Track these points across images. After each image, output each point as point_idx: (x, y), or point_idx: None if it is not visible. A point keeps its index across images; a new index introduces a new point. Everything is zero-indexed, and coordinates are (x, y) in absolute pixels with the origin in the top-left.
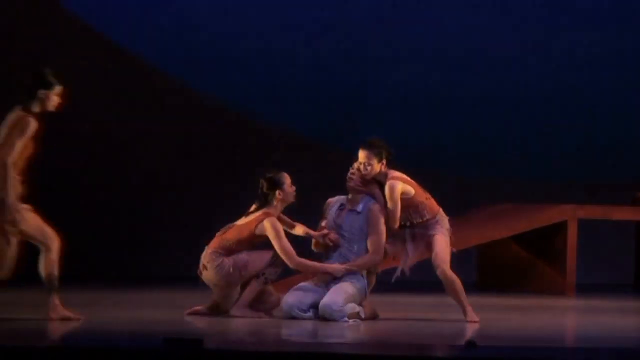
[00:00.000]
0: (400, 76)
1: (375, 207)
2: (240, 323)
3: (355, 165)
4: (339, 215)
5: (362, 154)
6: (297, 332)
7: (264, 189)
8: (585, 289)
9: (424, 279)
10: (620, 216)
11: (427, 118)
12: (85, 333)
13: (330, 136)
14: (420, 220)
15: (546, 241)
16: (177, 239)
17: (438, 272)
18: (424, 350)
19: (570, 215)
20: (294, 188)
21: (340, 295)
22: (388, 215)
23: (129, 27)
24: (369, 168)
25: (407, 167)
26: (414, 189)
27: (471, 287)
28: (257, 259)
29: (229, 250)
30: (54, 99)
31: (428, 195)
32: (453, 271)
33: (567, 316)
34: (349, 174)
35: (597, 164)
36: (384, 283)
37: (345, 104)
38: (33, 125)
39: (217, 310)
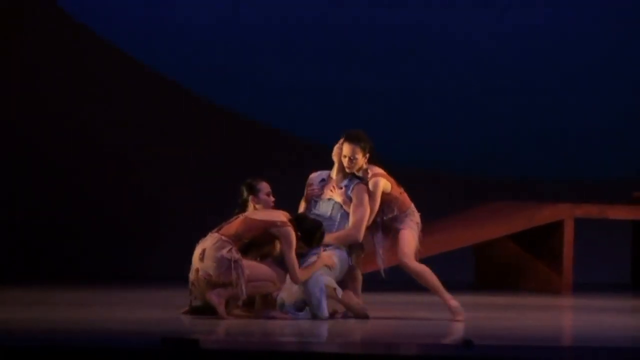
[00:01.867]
0: (398, 75)
1: (362, 186)
2: (237, 323)
3: (336, 158)
4: (320, 193)
5: (347, 148)
6: (293, 332)
7: (243, 195)
8: (582, 287)
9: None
10: (616, 215)
11: (423, 117)
12: (82, 333)
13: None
14: (391, 215)
15: (543, 240)
16: (175, 238)
17: (402, 266)
18: (420, 350)
19: (567, 214)
20: (272, 199)
21: (317, 286)
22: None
23: (120, 23)
24: (353, 162)
25: (404, 165)
26: (392, 185)
27: (468, 286)
28: (259, 270)
29: (236, 239)
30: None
31: (402, 190)
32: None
33: (564, 315)
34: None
35: (593, 163)
36: (377, 282)
37: (343, 105)
38: None
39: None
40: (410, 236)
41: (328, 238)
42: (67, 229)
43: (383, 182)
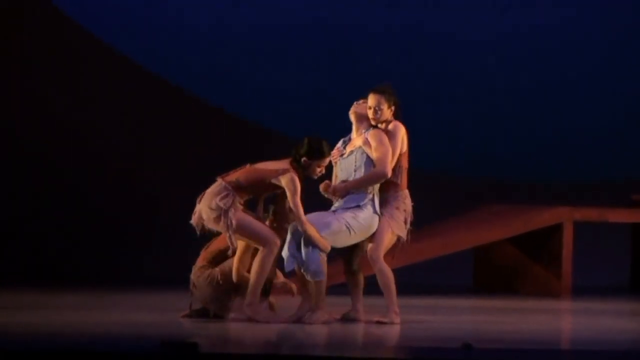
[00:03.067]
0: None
1: (378, 129)
2: (236, 327)
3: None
4: (343, 152)
5: (372, 98)
6: (292, 335)
7: (301, 149)
8: (581, 291)
9: (416, 281)
10: (616, 218)
11: (421, 118)
12: (82, 336)
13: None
14: (388, 190)
15: (542, 243)
16: (173, 240)
17: (369, 260)
18: (419, 353)
19: (566, 217)
20: (321, 172)
21: (315, 252)
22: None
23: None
24: (379, 112)
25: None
26: (407, 151)
27: (467, 289)
28: (252, 225)
29: (236, 186)
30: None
31: (407, 168)
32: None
33: (563, 318)
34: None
35: (592, 165)
36: (375, 284)
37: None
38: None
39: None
40: (386, 227)
41: (353, 183)
42: (64, 231)
43: (404, 130)
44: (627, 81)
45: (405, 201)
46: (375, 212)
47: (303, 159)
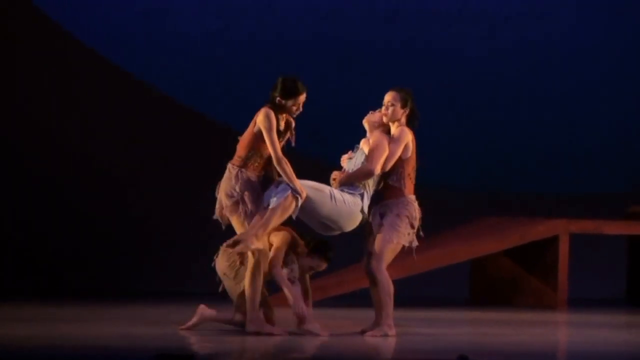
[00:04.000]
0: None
1: (381, 132)
2: (232, 339)
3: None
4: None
5: (388, 95)
6: (289, 347)
7: (276, 90)
8: (577, 303)
9: (413, 294)
10: (612, 230)
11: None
12: (77, 349)
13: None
14: (390, 196)
15: (538, 255)
16: (168, 253)
17: (370, 271)
18: None
19: (562, 229)
20: (299, 111)
21: (286, 189)
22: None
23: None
24: (390, 109)
25: None
26: (413, 153)
27: (463, 302)
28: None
29: (242, 163)
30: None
31: (412, 174)
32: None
33: (559, 330)
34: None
35: (588, 178)
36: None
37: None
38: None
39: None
40: (387, 239)
41: (342, 176)
42: (60, 245)
43: (410, 136)
44: (622, 95)
45: (408, 207)
46: (362, 209)
47: (277, 99)
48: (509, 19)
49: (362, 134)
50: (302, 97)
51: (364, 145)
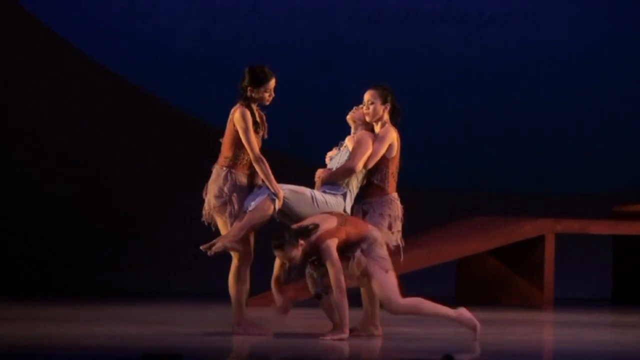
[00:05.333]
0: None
1: (366, 131)
2: (218, 339)
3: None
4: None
5: (367, 94)
6: (271, 348)
7: (244, 81)
8: (563, 302)
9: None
10: (598, 230)
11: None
12: (63, 349)
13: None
14: (373, 195)
15: (524, 255)
16: (152, 253)
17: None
18: None
19: (548, 229)
20: (271, 96)
21: (263, 192)
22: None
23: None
24: (371, 107)
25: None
26: (397, 152)
27: (450, 301)
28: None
29: (229, 163)
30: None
31: (396, 173)
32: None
33: (545, 330)
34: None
35: (573, 177)
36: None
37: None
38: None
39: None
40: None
41: (324, 174)
42: (44, 245)
43: (395, 135)
44: (607, 97)
45: (390, 205)
46: (345, 209)
47: (248, 89)
48: (493, 19)
49: (345, 133)
50: (272, 83)
51: (349, 143)
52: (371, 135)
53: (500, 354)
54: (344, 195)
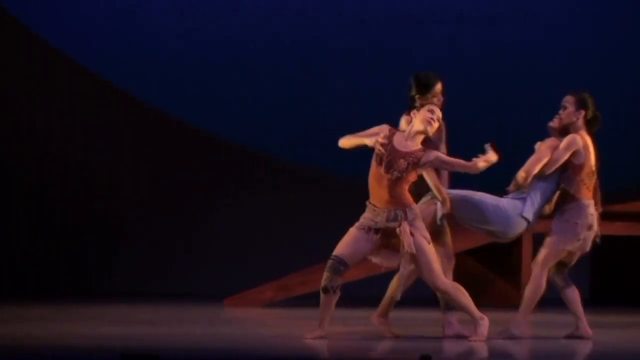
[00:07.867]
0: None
1: (550, 139)
2: (199, 338)
3: None
4: None
5: (565, 98)
6: (254, 346)
7: (411, 91)
8: (541, 303)
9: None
10: None
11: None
12: (42, 349)
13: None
14: (563, 201)
15: (502, 255)
16: (135, 254)
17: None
18: None
19: None
20: (440, 99)
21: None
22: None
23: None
24: (561, 111)
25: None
26: (591, 166)
27: (428, 302)
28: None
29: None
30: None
31: (587, 180)
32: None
33: (523, 331)
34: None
35: None
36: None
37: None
38: None
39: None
40: (557, 239)
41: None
42: (27, 245)
43: (581, 142)
44: (599, 95)
45: (579, 212)
46: (522, 213)
47: (417, 97)
48: (476, 19)
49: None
50: (439, 87)
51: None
52: (550, 144)
53: (478, 355)
54: (523, 200)
